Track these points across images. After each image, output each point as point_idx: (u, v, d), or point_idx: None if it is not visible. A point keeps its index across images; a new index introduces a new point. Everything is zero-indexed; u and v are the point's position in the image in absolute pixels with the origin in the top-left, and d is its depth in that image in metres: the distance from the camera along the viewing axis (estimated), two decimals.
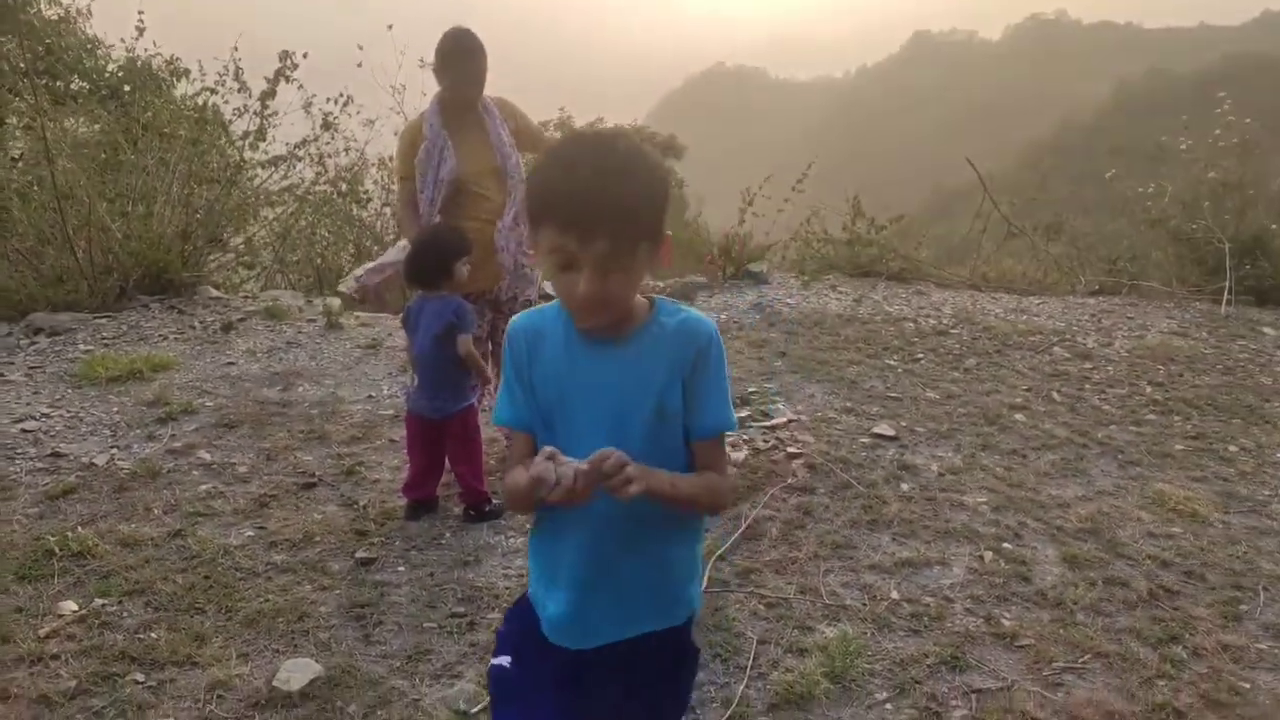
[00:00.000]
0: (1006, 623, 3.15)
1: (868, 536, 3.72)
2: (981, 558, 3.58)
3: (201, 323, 6.77)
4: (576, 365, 1.58)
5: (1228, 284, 8.30)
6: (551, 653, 1.66)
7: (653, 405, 1.56)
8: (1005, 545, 3.68)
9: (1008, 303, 8.33)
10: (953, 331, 7.04)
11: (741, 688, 2.79)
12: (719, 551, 3.53)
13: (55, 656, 2.82)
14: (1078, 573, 3.49)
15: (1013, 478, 4.35)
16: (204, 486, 4.07)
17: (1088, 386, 5.87)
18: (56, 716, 2.56)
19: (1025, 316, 7.71)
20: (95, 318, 6.74)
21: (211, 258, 8.19)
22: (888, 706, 2.75)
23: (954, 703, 2.76)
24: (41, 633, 2.92)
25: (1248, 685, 2.84)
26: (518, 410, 1.62)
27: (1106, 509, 4.05)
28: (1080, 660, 2.96)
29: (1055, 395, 5.65)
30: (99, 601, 3.11)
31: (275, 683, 2.72)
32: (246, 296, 7.86)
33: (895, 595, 3.32)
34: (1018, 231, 10.17)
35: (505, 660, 1.70)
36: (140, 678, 2.74)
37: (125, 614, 3.07)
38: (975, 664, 2.94)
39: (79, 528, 3.62)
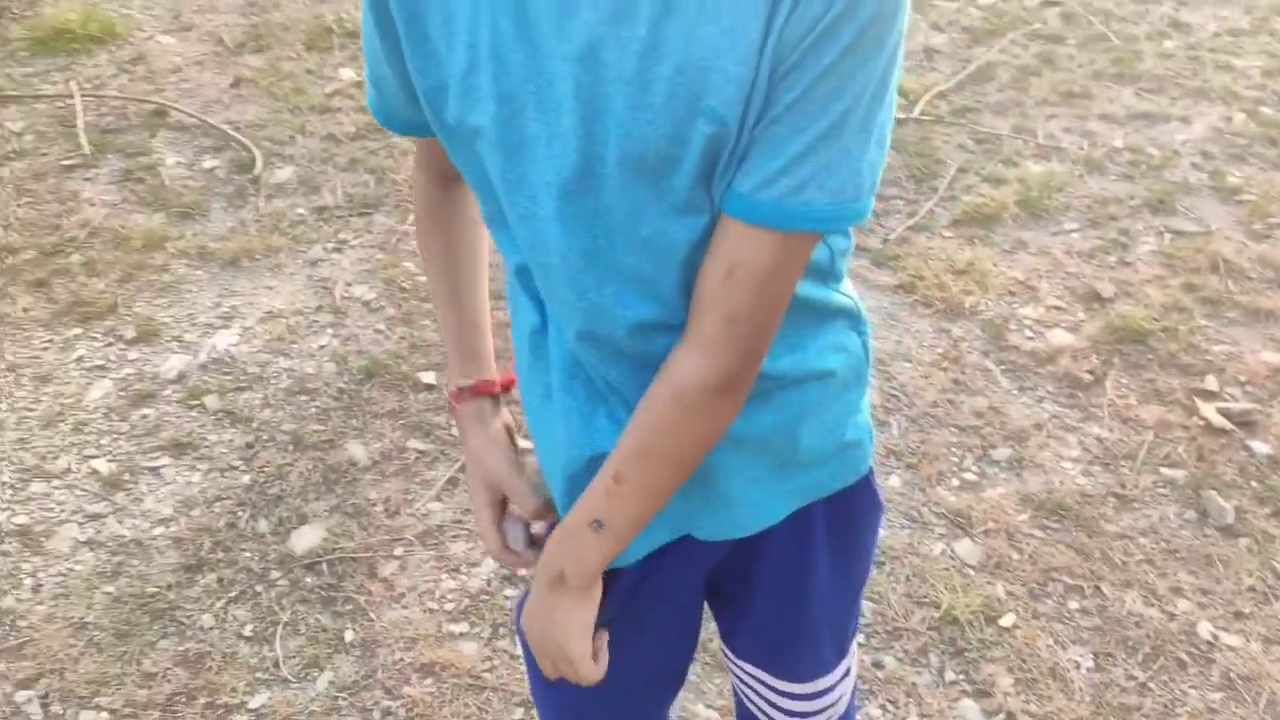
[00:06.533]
0: (1233, 179, 3.01)
1: (1108, 89, 3.51)
2: (1230, 118, 3.32)
3: None
4: None
5: None
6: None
7: (670, 88, 0.65)
8: (1264, 109, 3.38)
9: None
10: None
11: (930, 204, 2.91)
12: (938, 88, 3.48)
13: (339, 109, 3.33)
14: None
15: None
16: None
17: None
18: (341, 150, 3.10)
19: None
20: None
21: None
22: (1074, 235, 2.81)
23: (1145, 240, 2.78)
24: (327, 91, 3.43)
25: None
26: (386, 100, 0.84)
27: None
28: None
29: None
30: None
31: None
32: None
33: (1119, 143, 3.21)
34: None
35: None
36: None
37: None
38: (1183, 210, 2.88)
39: (353, 10, 4.03)
